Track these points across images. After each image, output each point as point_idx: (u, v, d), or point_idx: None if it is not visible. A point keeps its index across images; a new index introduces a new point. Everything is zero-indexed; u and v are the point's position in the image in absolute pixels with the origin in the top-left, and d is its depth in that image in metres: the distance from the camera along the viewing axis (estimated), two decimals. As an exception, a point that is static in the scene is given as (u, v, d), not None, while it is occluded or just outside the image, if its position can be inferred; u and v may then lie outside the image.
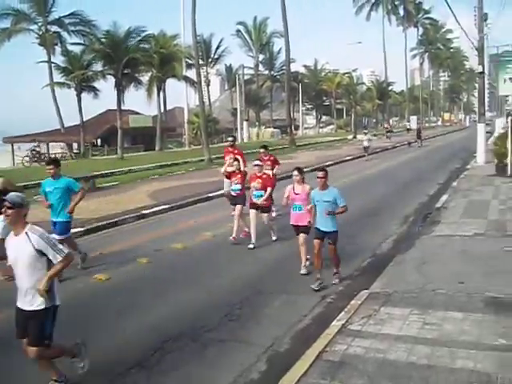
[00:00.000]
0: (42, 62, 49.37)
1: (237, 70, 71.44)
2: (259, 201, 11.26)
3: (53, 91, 48.76)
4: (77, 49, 46.90)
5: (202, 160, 30.74)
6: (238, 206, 11.79)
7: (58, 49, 49.17)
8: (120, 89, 38.49)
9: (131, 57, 37.54)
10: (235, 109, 67.01)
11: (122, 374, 5.92)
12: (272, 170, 13.45)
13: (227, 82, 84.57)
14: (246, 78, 69.85)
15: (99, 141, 53.99)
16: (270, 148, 42.41)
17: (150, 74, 44.59)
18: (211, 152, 31.04)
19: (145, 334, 7.03)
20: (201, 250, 11.31)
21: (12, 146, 52.88)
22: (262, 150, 14.07)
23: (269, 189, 11.37)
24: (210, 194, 17.98)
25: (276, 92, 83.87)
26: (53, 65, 48.56)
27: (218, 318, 7.39)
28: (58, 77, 48.25)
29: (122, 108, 39.80)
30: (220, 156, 32.15)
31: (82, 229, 12.99)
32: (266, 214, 11.59)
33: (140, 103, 49.74)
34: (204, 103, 33.69)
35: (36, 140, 43.82)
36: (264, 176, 11.54)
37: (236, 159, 12.82)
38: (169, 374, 5.92)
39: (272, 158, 14.07)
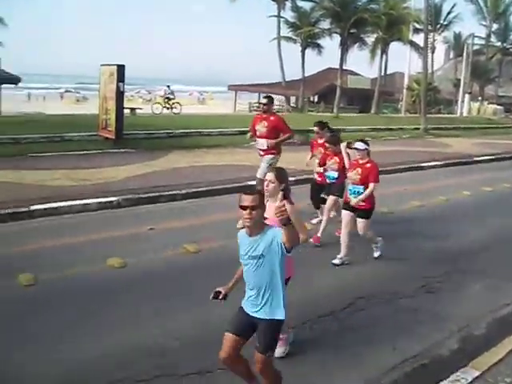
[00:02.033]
0: (272, 16, 51.12)
1: (466, 39, 67.42)
2: (355, 201, 8.04)
3: (279, 45, 50.41)
4: (306, 5, 47.79)
5: (418, 128, 29.84)
6: (332, 197, 9.20)
7: (288, 4, 50.42)
8: (344, 48, 38.63)
9: (359, 16, 37.38)
10: (458, 80, 63.51)
11: (312, 320, 6.19)
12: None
13: (453, 50, 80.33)
14: (474, 48, 65.68)
15: (316, 97, 55.03)
16: (492, 125, 39.79)
17: (375, 35, 44.02)
18: (428, 121, 30.12)
19: (340, 288, 7.26)
20: (410, 217, 11.17)
21: (235, 93, 56.18)
22: (315, 129, 10.15)
23: (371, 185, 8.01)
24: (423, 164, 17.54)
25: (505, 66, 77.83)
26: (282, 20, 50.09)
27: (415, 287, 7.32)
28: (285, 32, 49.76)
29: (343, 68, 39.98)
30: (437, 126, 31.33)
31: (293, 178, 13.47)
32: (362, 220, 8.19)
33: (360, 64, 49.37)
34: (427, 70, 32.56)
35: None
36: (368, 165, 8.14)
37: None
38: (358, 329, 6.05)
39: None
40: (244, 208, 4.13)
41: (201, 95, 79.78)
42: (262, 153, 10.37)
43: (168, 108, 35.43)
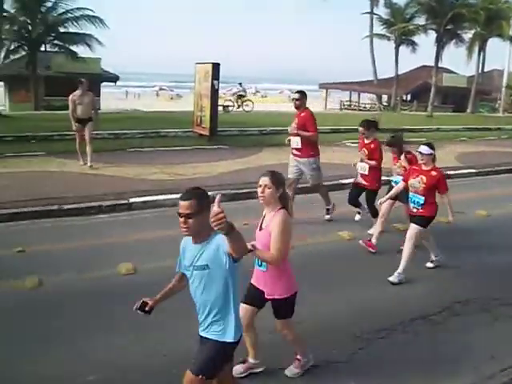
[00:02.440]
0: (365, 13, 50.47)
1: None
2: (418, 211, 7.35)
3: (371, 43, 49.74)
4: (401, 1, 46.93)
5: (517, 128, 28.66)
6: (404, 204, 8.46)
7: (381, 1, 49.58)
8: (440, 45, 37.57)
9: (456, 12, 36.22)
10: None
11: (404, 323, 6.08)
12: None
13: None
14: None
15: (409, 96, 53.82)
16: None
17: (473, 31, 42.46)
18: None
19: (435, 291, 7.10)
20: (508, 220, 10.71)
21: (326, 91, 55.95)
22: (360, 129, 9.17)
23: (445, 196, 7.27)
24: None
25: None
26: (375, 16, 49.32)
27: (513, 293, 7.06)
28: (378, 29, 49.01)
29: (438, 65, 38.90)
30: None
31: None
32: (415, 226, 7.37)
33: (455, 62, 47.51)
34: (529, 68, 31.13)
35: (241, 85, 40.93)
36: (433, 173, 7.22)
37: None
38: (454, 335, 5.89)
39: (373, 146, 9.04)
40: (180, 215, 3.49)
41: (291, 93, 79.86)
42: (296, 152, 9.77)
43: (239, 106, 35.50)
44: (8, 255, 7.65)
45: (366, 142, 9.17)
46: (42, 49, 35.12)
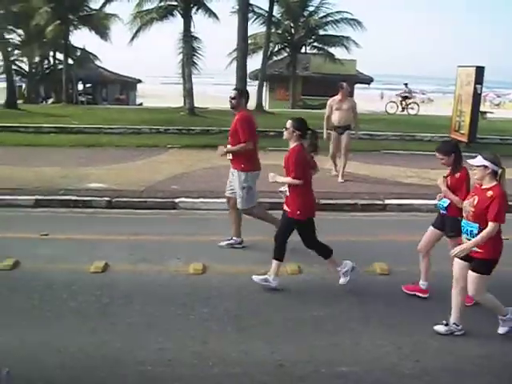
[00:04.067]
0: None
1: None
2: (466, 246, 5.38)
3: None
4: None
5: None
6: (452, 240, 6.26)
7: None
8: None
9: None
10: None
11: None
12: None
13: None
14: None
15: None
16: None
17: None
18: None
19: None
20: None
21: None
22: (288, 125, 6.44)
23: (491, 225, 5.17)
24: None
25: None
26: None
27: None
28: None
29: None
30: None
31: None
32: (473, 274, 5.35)
33: None
34: None
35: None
36: (489, 193, 5.25)
37: None
38: None
39: (289, 157, 6.47)
40: None
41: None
42: (231, 165, 7.85)
43: (404, 108, 33.23)
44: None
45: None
46: (302, 50, 37.06)
